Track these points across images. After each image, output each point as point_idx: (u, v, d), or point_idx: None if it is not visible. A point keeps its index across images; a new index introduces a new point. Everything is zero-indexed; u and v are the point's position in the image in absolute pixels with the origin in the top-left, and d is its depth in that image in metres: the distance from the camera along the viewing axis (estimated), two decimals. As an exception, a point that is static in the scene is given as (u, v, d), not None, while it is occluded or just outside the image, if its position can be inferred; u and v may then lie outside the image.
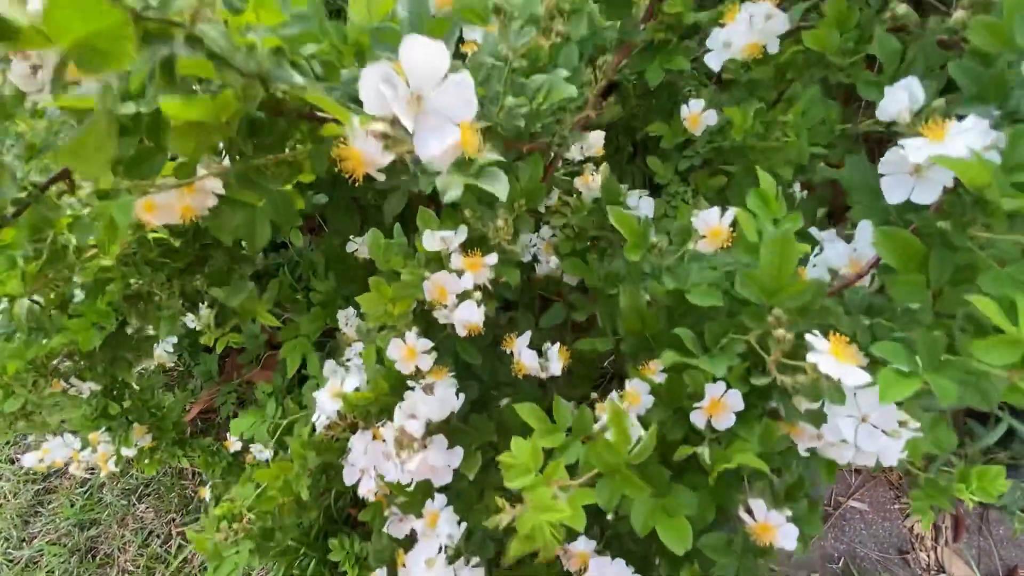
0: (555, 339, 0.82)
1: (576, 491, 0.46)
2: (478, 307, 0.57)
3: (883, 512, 1.17)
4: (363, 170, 0.35)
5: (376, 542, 0.83)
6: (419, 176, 0.41)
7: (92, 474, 1.28)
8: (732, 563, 0.57)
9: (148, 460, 1.24)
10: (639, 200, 0.75)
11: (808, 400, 0.43)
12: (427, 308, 0.64)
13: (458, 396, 0.59)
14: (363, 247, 1.04)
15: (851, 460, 0.53)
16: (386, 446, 0.56)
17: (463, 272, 0.56)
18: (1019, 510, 1.04)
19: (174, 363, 1.72)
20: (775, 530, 0.50)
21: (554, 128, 0.64)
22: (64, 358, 1.01)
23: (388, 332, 0.65)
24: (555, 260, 0.83)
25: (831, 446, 0.51)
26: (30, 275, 0.57)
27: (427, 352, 0.60)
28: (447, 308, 0.59)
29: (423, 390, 0.59)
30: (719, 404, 0.48)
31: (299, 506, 0.76)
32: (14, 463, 1.81)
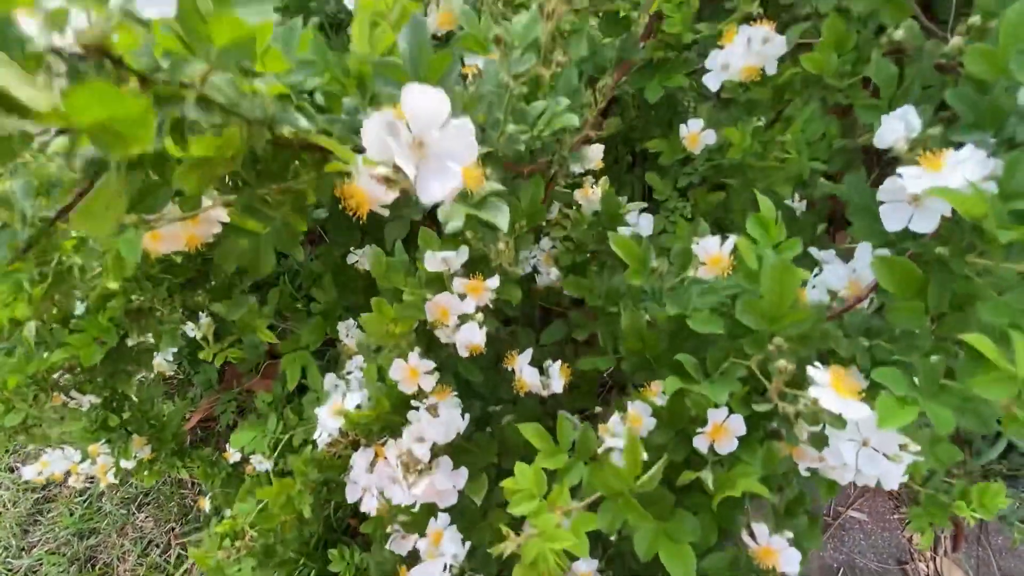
0: (556, 354, 0.82)
1: (579, 516, 0.46)
2: (480, 328, 0.57)
3: (882, 522, 1.18)
4: (367, 207, 0.35)
5: (377, 554, 0.83)
6: (421, 204, 0.41)
7: (91, 483, 1.28)
8: (734, 583, 0.57)
9: (147, 472, 1.24)
10: (638, 217, 0.75)
11: (809, 427, 0.43)
12: (429, 327, 0.65)
13: (463, 417, 0.60)
14: (363, 259, 1.04)
15: (852, 480, 0.54)
16: (392, 469, 0.56)
17: (465, 296, 0.56)
18: (1018, 521, 1.04)
19: (174, 371, 1.72)
20: (777, 554, 0.50)
21: (554, 148, 0.65)
22: (64, 371, 1.02)
23: (390, 352, 0.66)
24: (555, 272, 0.83)
25: (832, 468, 0.51)
26: (36, 298, 0.58)
27: (429, 373, 0.60)
28: (449, 328, 0.59)
29: (427, 411, 0.59)
30: (722, 429, 0.48)
31: (301, 523, 0.76)
32: (13, 471, 1.80)
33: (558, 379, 0.61)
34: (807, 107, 0.68)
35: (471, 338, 0.56)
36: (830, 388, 0.38)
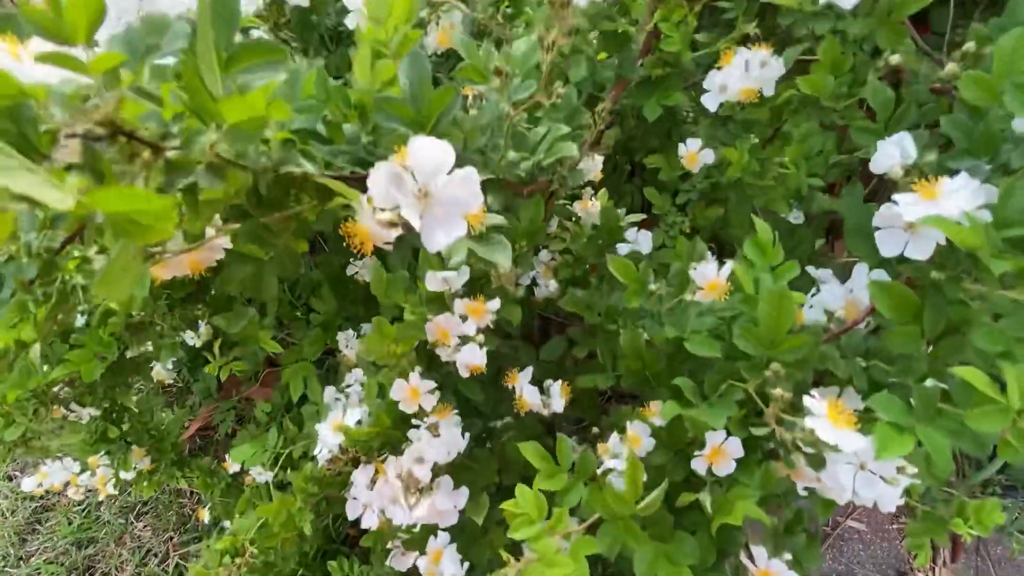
0: (556, 368, 0.83)
1: (578, 539, 0.47)
2: (481, 349, 0.57)
3: (881, 532, 1.18)
4: (370, 245, 0.36)
5: (377, 568, 0.83)
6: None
7: (90, 493, 1.28)
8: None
9: (146, 482, 1.24)
10: (637, 233, 0.75)
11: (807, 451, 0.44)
12: (429, 346, 0.65)
13: (464, 436, 0.60)
14: (363, 270, 1.04)
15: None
16: (392, 490, 0.56)
17: (466, 317, 0.56)
18: (1017, 532, 1.05)
19: (173, 380, 1.72)
20: (776, 577, 0.51)
21: (555, 167, 0.65)
22: (64, 385, 1.02)
23: (391, 369, 0.66)
24: (554, 284, 0.83)
25: (829, 488, 0.52)
26: (40, 320, 0.58)
27: (430, 392, 0.60)
28: (450, 348, 0.60)
29: (428, 430, 0.59)
30: (720, 451, 0.48)
31: (301, 539, 0.76)
32: (12, 480, 1.80)
33: (559, 399, 0.61)
34: (804, 124, 0.68)
35: (472, 359, 0.56)
36: (826, 419, 0.38)
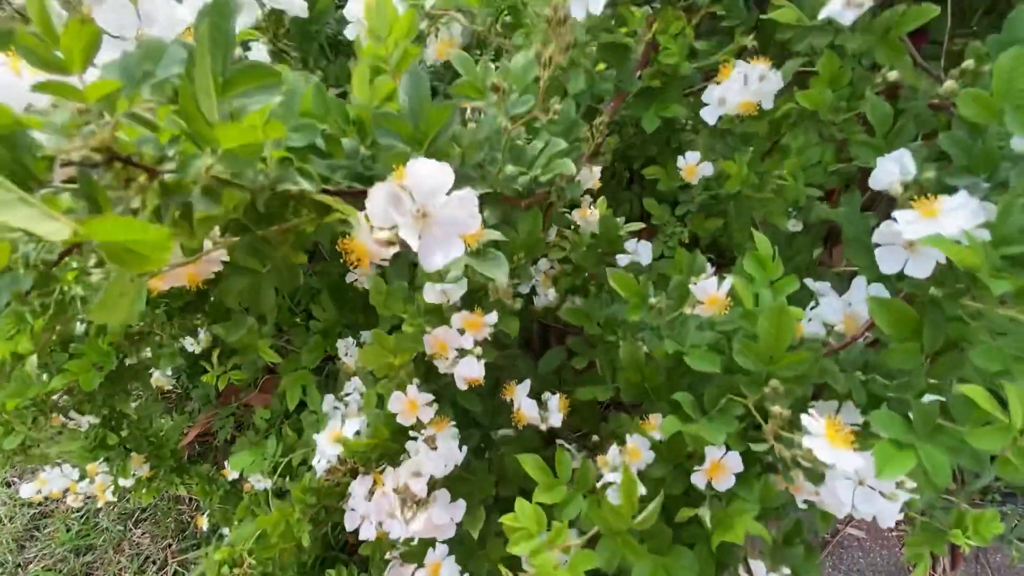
0: (555, 378, 0.82)
1: (578, 553, 0.47)
2: (478, 362, 0.57)
3: (880, 540, 1.18)
4: (367, 262, 0.36)
5: (376, 576, 0.83)
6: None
7: (89, 499, 1.28)
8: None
9: (145, 489, 1.24)
10: (637, 244, 0.75)
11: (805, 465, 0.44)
12: (427, 358, 0.65)
13: (461, 449, 0.60)
14: (363, 278, 1.04)
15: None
16: (389, 503, 0.56)
17: (464, 331, 0.56)
18: (1016, 539, 1.04)
19: (172, 385, 1.72)
20: (774, 592, 0.51)
21: (553, 180, 0.65)
22: (63, 393, 1.01)
23: (389, 380, 0.66)
24: (553, 292, 0.83)
25: (828, 503, 0.51)
26: (37, 330, 0.58)
27: (428, 405, 0.60)
28: (447, 360, 0.60)
29: (425, 443, 0.59)
30: (719, 466, 0.48)
31: (300, 550, 0.76)
32: (10, 486, 1.80)
33: (557, 413, 0.61)
34: (803, 136, 0.68)
35: (470, 373, 0.56)
36: (824, 439, 0.38)
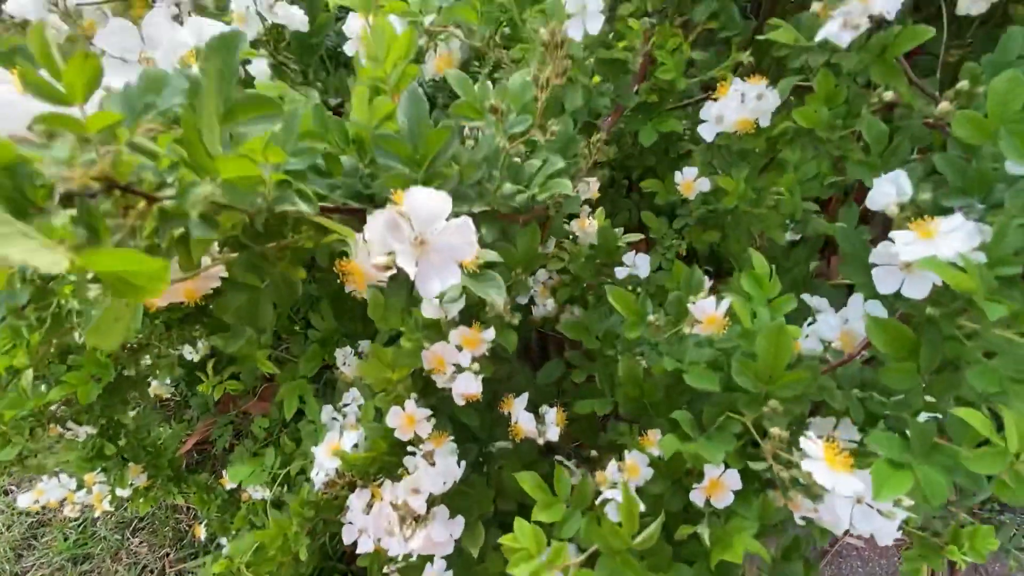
0: (554, 390, 0.82)
1: (577, 573, 0.46)
2: (476, 377, 0.57)
3: (879, 549, 1.18)
4: (365, 283, 0.36)
5: (374, 589, 0.83)
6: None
7: (87, 508, 1.28)
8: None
9: (143, 499, 1.24)
10: (635, 257, 0.76)
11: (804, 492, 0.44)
12: (425, 372, 0.65)
13: (459, 464, 0.60)
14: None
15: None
16: (388, 520, 0.56)
17: (461, 347, 0.56)
18: (1015, 549, 1.04)
19: (171, 394, 1.71)
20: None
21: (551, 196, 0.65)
22: (61, 404, 1.01)
23: (387, 395, 0.66)
24: (552, 303, 0.83)
25: (827, 520, 0.51)
26: (34, 345, 0.58)
27: (426, 419, 0.60)
28: (445, 376, 0.60)
29: (423, 458, 0.59)
30: (718, 484, 0.48)
31: (297, 562, 0.76)
32: (8, 495, 1.79)
33: (554, 427, 0.61)
34: (800, 152, 0.69)
35: (467, 389, 0.56)
36: (822, 462, 0.39)
